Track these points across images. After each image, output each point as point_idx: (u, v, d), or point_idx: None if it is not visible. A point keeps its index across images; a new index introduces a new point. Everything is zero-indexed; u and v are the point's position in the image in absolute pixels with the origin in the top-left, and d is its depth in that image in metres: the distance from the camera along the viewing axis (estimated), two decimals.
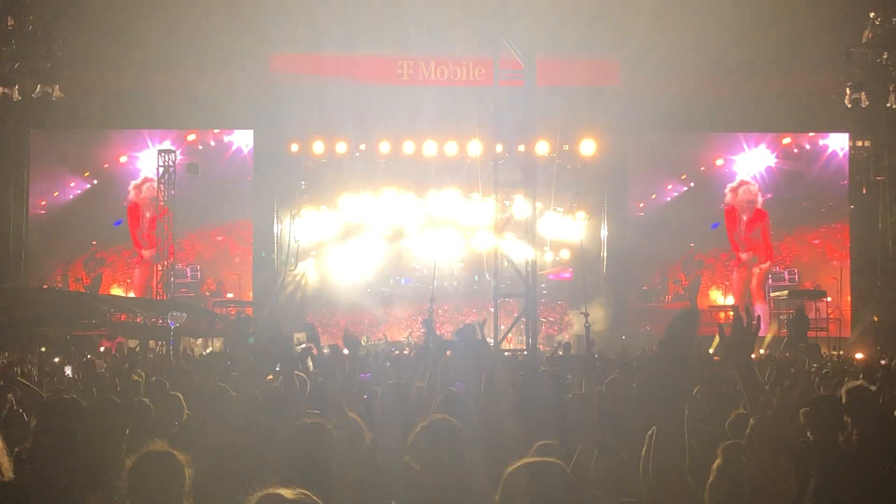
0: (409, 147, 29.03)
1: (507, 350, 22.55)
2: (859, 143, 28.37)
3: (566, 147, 28.68)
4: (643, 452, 4.00)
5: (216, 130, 29.14)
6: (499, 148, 21.62)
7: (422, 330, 15.62)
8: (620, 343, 24.97)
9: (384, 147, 29.01)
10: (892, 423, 6.89)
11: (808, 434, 6.24)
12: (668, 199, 29.45)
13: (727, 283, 28.92)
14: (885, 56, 24.74)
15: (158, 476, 4.78)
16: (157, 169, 27.76)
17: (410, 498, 5.19)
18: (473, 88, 27.94)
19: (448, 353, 9.25)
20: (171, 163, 27.62)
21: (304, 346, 15.05)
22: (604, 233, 29.75)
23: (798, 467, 4.72)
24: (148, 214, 28.81)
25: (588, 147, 28.78)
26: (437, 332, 21.33)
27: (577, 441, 6.71)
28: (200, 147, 29.14)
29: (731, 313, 24.88)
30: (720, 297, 28.91)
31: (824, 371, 12.96)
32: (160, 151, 27.92)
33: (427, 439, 4.89)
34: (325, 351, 15.46)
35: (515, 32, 19.06)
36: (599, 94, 28.37)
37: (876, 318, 26.35)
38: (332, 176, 29.69)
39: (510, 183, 21.13)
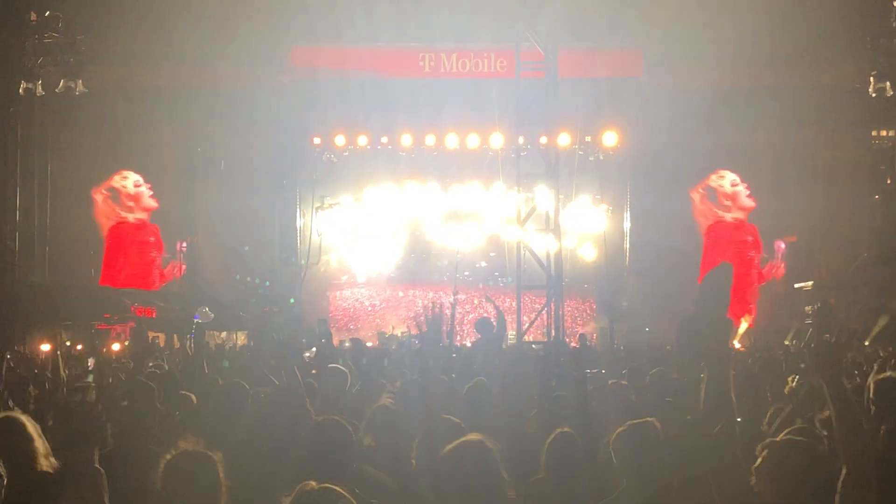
0: (430, 140, 28.99)
1: (534, 342, 22.50)
2: (883, 134, 28.18)
3: (588, 139, 28.59)
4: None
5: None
6: (521, 140, 21.59)
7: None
8: (645, 336, 24.90)
9: (406, 140, 28.98)
10: None
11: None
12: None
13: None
14: None
15: (194, 476, 4.72)
16: None
17: None
18: (495, 81, 27.82)
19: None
20: None
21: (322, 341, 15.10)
22: (626, 224, 29.66)
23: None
24: None
25: (610, 139, 28.66)
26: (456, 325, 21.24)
27: (597, 430, 6.67)
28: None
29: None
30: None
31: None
32: None
33: (454, 464, 4.68)
34: (347, 345, 15.42)
35: (537, 23, 18.98)
36: (623, 85, 28.26)
37: None
38: (354, 169, 29.71)
39: (532, 175, 21.06)
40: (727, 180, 28.75)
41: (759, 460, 4.49)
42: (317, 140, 29.19)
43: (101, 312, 23.09)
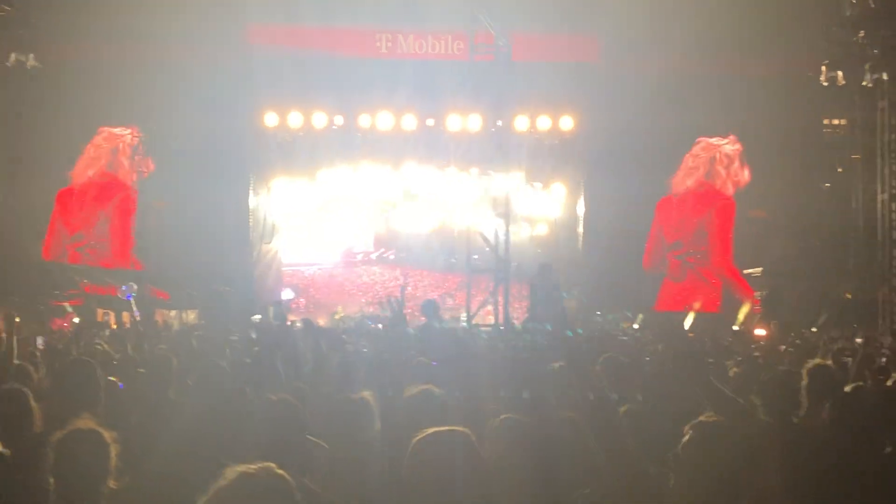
0: (387, 121, 28.85)
1: (483, 326, 22.62)
2: (835, 122, 28.53)
3: (544, 123, 28.64)
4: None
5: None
6: (476, 123, 21.67)
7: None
8: (597, 322, 25.09)
9: (362, 120, 28.85)
10: (856, 404, 6.92)
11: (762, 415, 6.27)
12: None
13: None
14: (861, 34, 24.89)
15: (83, 453, 4.77)
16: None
17: None
18: (452, 62, 27.85)
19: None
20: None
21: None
22: (581, 209, 29.79)
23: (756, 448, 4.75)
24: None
25: (566, 123, 28.73)
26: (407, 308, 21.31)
27: (549, 414, 6.72)
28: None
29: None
30: None
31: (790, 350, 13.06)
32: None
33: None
34: (298, 325, 15.44)
35: (492, 6, 19.03)
36: (578, 69, 28.32)
37: (849, 296, 26.55)
38: (308, 149, 29.57)
39: (486, 159, 21.15)
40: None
41: (685, 439, 4.59)
42: (271, 119, 29.00)
43: (51, 289, 22.94)
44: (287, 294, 29.18)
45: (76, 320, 21.55)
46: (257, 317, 16.01)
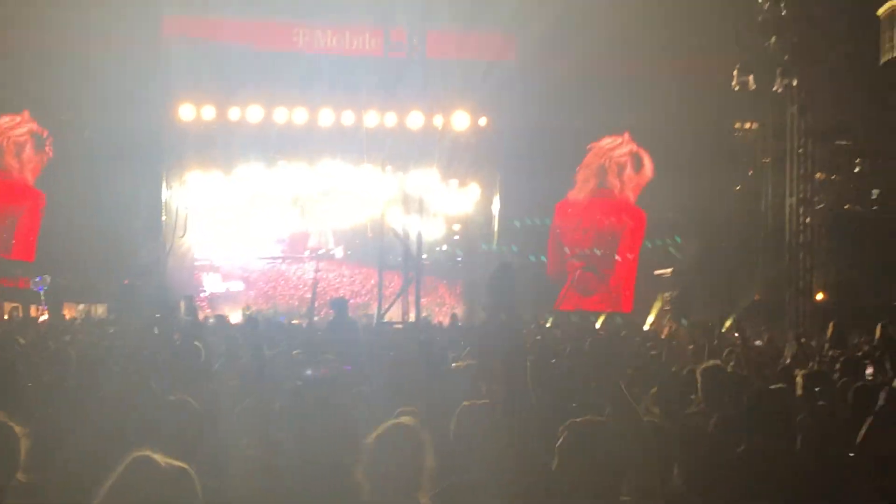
0: (303, 116, 28.64)
1: (395, 322, 22.64)
2: (746, 126, 29.02)
3: (460, 120, 28.67)
4: None
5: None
6: (392, 120, 21.64)
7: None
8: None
9: (278, 115, 28.61)
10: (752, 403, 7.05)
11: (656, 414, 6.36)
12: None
13: None
14: (772, 40, 25.30)
15: None
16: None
17: None
18: (370, 58, 27.77)
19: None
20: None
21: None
22: (495, 206, 29.90)
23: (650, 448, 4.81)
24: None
25: (482, 121, 28.81)
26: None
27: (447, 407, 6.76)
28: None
29: None
30: None
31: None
32: None
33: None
34: (211, 321, 15.34)
35: (409, 4, 19.02)
36: (495, 68, 28.38)
37: (757, 297, 27.02)
38: (224, 143, 29.25)
39: (402, 155, 21.15)
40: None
41: (560, 440, 4.64)
42: (186, 112, 28.65)
43: None
44: (237, 286, 28.99)
45: None
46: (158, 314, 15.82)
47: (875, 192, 29.28)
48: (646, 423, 5.06)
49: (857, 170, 29.39)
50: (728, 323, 21.30)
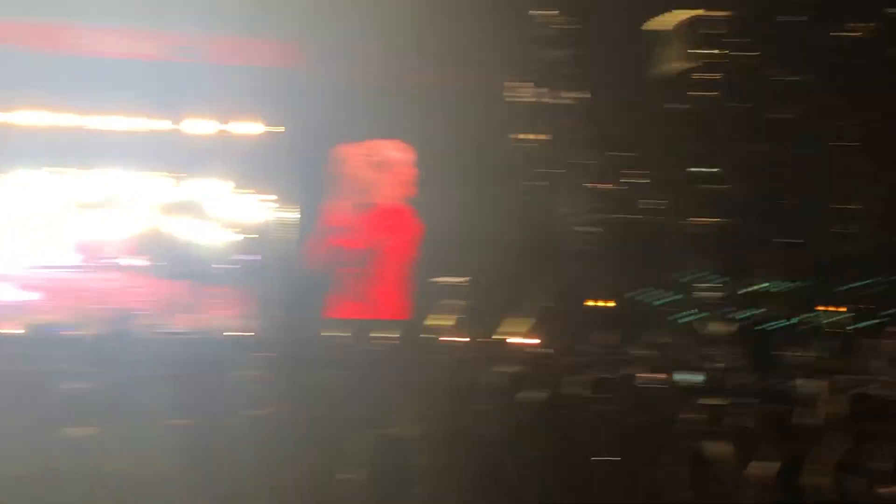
0: (84, 121, 27.84)
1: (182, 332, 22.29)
2: (529, 137, 29.70)
3: (251, 128, 28.42)
4: None
5: None
6: (179, 126, 21.31)
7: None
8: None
9: (56, 119, 27.72)
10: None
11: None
12: None
13: None
14: (555, 52, 26.00)
15: None
16: None
17: None
18: (157, 63, 27.20)
19: None
20: None
21: None
22: (283, 215, 29.74)
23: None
24: None
25: (268, 128, 28.63)
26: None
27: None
28: None
29: None
30: None
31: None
32: None
33: None
34: None
35: (188, 7, 18.77)
36: (282, 75, 28.25)
37: (540, 304, 27.69)
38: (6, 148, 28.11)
39: (187, 162, 20.89)
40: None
41: (347, 451, 4.68)
42: None
43: None
44: (27, 296, 27.80)
45: None
46: None
47: (650, 202, 30.40)
48: (428, 433, 5.14)
49: (634, 180, 30.46)
50: (511, 330, 21.81)
